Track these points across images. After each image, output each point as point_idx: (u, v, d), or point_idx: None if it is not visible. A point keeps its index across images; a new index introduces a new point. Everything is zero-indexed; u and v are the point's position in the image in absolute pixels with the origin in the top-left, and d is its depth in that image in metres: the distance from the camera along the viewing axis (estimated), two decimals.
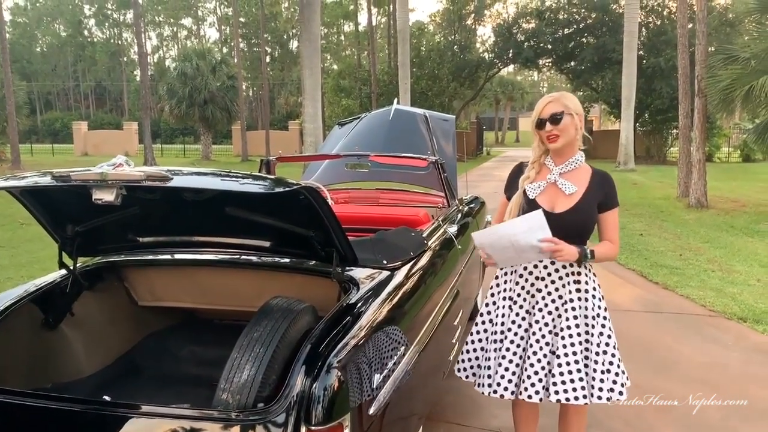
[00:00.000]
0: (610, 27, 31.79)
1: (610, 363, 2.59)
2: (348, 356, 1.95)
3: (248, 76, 55.91)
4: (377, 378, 2.07)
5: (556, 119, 2.51)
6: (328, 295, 2.63)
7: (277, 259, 2.84)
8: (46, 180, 2.08)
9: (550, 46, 35.12)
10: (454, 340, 3.52)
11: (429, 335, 2.77)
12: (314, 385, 1.79)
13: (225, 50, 57.28)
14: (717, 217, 11.61)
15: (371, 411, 1.98)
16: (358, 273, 2.62)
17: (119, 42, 76.47)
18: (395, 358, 2.26)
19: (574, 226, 2.54)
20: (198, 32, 77.94)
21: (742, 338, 5.11)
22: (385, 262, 2.78)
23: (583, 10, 34.06)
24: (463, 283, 3.78)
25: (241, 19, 54.80)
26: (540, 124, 2.55)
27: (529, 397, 2.54)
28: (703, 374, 4.36)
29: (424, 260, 3.09)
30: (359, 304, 2.32)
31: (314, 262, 2.71)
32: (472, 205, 5.14)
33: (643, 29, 30.05)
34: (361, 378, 1.98)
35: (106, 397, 2.24)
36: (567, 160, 2.59)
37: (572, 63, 35.47)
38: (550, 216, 2.47)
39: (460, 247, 3.80)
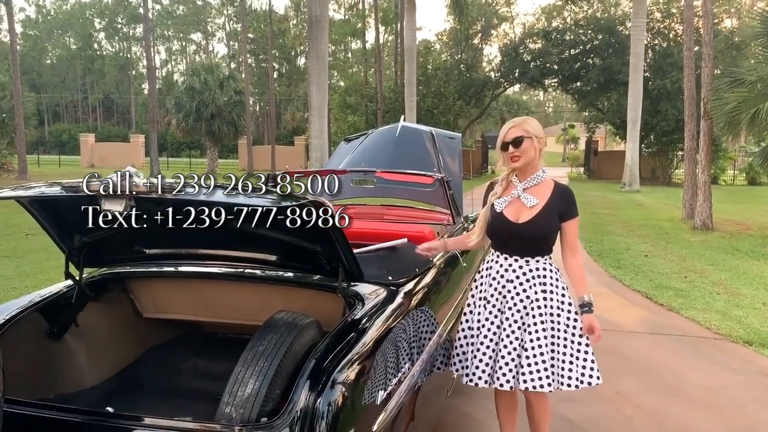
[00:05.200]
0: (616, 48, 31.95)
1: (578, 351, 2.87)
2: (352, 372, 1.94)
3: (255, 91, 56.21)
4: (381, 394, 2.06)
5: (517, 142, 2.85)
6: (333, 310, 2.63)
7: (282, 273, 2.85)
8: (56, 190, 2.09)
9: (556, 67, 35.30)
10: None
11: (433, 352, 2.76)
12: (318, 401, 1.78)
13: (233, 65, 57.82)
14: (722, 239, 11.57)
15: (375, 428, 1.97)
16: (363, 288, 2.61)
17: (128, 55, 77.23)
18: (399, 374, 2.25)
19: (535, 233, 2.87)
20: (207, 47, 78.72)
21: (748, 362, 5.07)
22: (390, 278, 2.79)
23: (589, 32, 34.27)
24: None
25: (250, 35, 55.33)
26: (504, 147, 2.89)
27: (501, 385, 2.82)
28: (707, 397, 4.32)
29: (429, 277, 3.09)
30: (364, 320, 2.32)
31: (319, 276, 2.71)
32: None
33: (650, 51, 30.19)
34: (366, 394, 1.97)
35: (110, 409, 2.23)
36: (529, 177, 2.90)
37: (578, 83, 35.63)
38: (514, 226, 2.87)
39: (464, 264, 3.79)
